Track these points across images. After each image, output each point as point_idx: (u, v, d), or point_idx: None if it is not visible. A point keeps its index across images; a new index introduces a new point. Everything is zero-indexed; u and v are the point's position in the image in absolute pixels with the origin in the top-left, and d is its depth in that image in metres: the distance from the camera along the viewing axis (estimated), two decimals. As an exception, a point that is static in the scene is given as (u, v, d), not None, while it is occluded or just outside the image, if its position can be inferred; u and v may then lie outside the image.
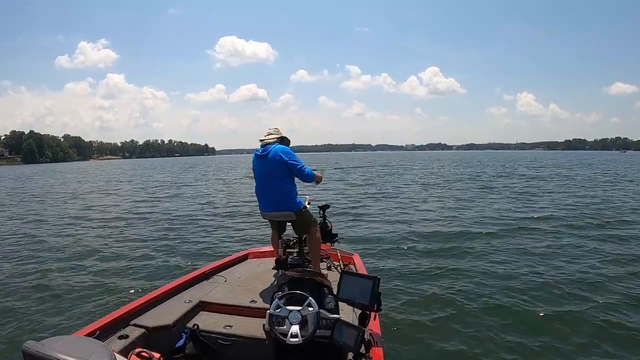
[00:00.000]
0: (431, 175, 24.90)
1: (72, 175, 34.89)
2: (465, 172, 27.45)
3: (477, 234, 7.14)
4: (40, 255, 6.22)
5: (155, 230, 8.21)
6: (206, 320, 2.32)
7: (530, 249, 5.99)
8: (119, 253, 6.30)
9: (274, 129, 3.04)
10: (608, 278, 4.58)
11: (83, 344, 1.25)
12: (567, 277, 4.65)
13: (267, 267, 3.27)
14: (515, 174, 23.71)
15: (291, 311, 1.79)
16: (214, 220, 9.48)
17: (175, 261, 5.70)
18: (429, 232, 7.38)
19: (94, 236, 7.78)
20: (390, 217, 9.30)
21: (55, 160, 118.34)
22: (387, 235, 7.25)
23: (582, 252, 5.79)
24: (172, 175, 30.20)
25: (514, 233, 7.20)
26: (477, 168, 32.41)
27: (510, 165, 37.33)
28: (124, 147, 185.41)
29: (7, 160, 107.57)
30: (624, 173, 24.32)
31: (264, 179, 2.94)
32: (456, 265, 5.23)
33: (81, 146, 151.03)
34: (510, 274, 4.84)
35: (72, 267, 5.49)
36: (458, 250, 6.02)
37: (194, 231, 8.06)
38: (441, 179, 21.36)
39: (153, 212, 10.98)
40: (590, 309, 3.73)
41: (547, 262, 5.32)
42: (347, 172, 28.58)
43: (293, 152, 2.96)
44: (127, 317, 2.18)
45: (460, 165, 39.62)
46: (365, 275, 2.16)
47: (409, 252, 5.97)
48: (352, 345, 1.72)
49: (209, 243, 6.96)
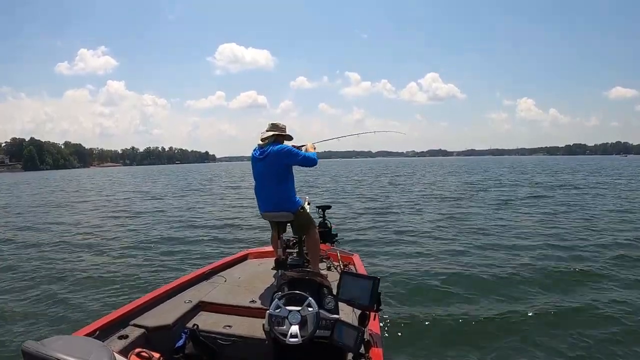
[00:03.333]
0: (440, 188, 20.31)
1: (75, 182, 34.97)
2: (474, 180, 23.91)
3: (478, 234, 7.16)
4: (39, 256, 6.22)
5: (155, 231, 8.24)
6: (206, 321, 2.32)
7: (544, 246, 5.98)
8: (119, 253, 6.32)
9: (271, 125, 3.01)
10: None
11: (83, 343, 1.24)
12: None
13: (266, 267, 3.27)
14: (548, 184, 19.36)
15: (291, 311, 1.78)
16: (214, 220, 9.50)
17: (175, 261, 5.71)
18: (429, 233, 7.39)
19: (94, 237, 7.81)
20: (391, 218, 9.32)
21: (56, 167, 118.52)
22: (387, 235, 7.27)
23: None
24: (172, 181, 30.28)
25: (521, 232, 7.21)
26: (488, 174, 29.60)
27: (522, 170, 35.71)
28: (125, 154, 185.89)
29: (7, 167, 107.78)
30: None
31: (262, 180, 2.97)
32: (456, 265, 5.23)
33: (82, 153, 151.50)
34: (511, 274, 4.83)
35: (72, 267, 5.50)
36: (458, 250, 6.02)
37: (193, 231, 8.09)
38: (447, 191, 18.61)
39: (153, 213, 11.00)
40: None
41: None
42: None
43: (289, 146, 2.96)
44: (127, 317, 2.18)
45: (467, 173, 34.52)
46: (365, 275, 2.17)
47: (409, 253, 5.98)
48: (352, 345, 1.72)
49: (209, 243, 6.98)
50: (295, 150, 2.94)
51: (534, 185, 18.50)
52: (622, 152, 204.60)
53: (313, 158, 3.00)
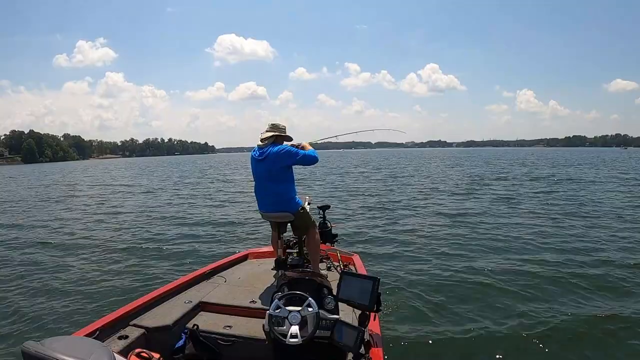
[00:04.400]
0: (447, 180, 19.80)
1: (74, 174, 34.89)
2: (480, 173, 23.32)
3: (477, 235, 7.12)
4: (39, 256, 6.20)
5: (155, 231, 8.20)
6: (206, 321, 2.32)
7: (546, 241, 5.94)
8: (119, 253, 6.29)
9: (271, 125, 2.98)
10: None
11: (82, 344, 1.24)
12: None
13: (266, 267, 3.27)
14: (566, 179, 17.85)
15: (291, 312, 1.78)
16: (214, 220, 9.47)
17: (175, 261, 5.70)
18: (430, 232, 7.38)
19: (93, 236, 7.76)
20: (391, 218, 9.30)
21: (55, 159, 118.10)
22: (387, 235, 7.25)
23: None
24: (169, 174, 30.22)
25: (529, 231, 7.14)
26: (499, 167, 27.96)
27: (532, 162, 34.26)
28: (124, 146, 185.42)
29: (7, 160, 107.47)
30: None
31: (262, 180, 2.96)
32: (457, 265, 5.21)
33: (81, 145, 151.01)
34: (512, 273, 4.82)
35: (72, 268, 5.49)
36: (460, 250, 6.00)
37: (193, 231, 8.06)
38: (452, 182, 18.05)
39: (152, 212, 10.97)
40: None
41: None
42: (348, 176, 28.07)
43: (288, 146, 2.93)
44: (127, 318, 2.18)
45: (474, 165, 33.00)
46: (365, 275, 2.16)
47: (409, 253, 5.95)
48: (352, 345, 1.72)
49: (209, 243, 6.95)
50: (294, 150, 2.90)
51: (537, 179, 18.10)
52: (622, 145, 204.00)
53: (314, 156, 2.96)
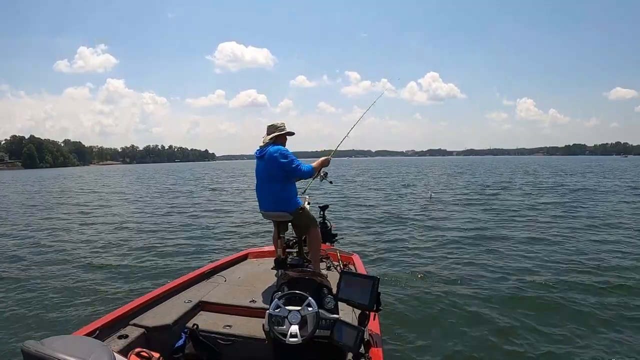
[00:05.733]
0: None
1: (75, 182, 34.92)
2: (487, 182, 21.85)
3: (477, 235, 7.15)
4: (39, 256, 6.21)
5: (155, 231, 8.23)
6: (206, 320, 2.32)
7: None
8: (119, 253, 6.32)
9: (269, 127, 3.02)
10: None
11: (83, 343, 1.24)
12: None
13: (266, 267, 3.28)
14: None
15: (291, 311, 1.78)
16: (214, 220, 9.49)
17: (175, 261, 5.71)
18: (429, 233, 7.38)
19: (93, 237, 7.79)
20: (391, 218, 9.31)
21: (55, 165, 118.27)
22: (386, 235, 7.26)
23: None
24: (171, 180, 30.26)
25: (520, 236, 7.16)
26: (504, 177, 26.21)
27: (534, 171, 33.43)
28: (125, 152, 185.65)
29: (7, 165, 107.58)
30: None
31: (262, 180, 3.00)
32: (457, 265, 5.24)
33: (81, 151, 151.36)
34: (511, 272, 4.84)
35: (72, 267, 5.50)
36: (459, 251, 6.02)
37: (193, 231, 8.08)
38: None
39: (152, 213, 10.99)
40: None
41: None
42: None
43: (288, 150, 2.94)
44: (127, 317, 2.18)
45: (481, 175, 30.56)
46: (364, 275, 2.16)
47: (409, 253, 5.98)
48: (352, 345, 1.72)
49: (209, 243, 6.99)
50: (289, 157, 2.88)
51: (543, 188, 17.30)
52: (622, 153, 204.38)
53: (307, 170, 2.95)
